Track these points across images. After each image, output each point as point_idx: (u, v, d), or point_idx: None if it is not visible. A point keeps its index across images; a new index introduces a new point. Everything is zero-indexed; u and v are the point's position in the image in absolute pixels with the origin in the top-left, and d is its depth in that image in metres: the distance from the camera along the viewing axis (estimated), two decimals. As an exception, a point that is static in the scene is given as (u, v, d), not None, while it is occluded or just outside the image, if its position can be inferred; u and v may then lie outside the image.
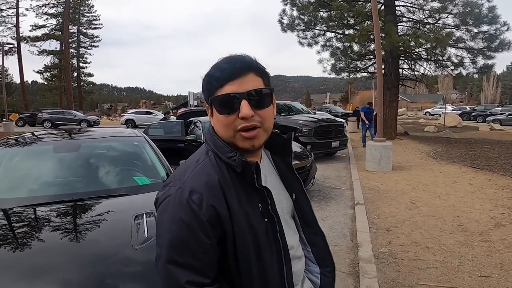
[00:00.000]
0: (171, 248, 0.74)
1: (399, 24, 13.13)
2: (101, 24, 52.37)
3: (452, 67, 13.32)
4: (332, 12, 12.83)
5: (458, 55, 12.87)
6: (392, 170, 7.62)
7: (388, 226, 4.19)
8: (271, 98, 0.86)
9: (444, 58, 12.97)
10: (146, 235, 1.66)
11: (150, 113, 29.03)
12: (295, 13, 13.41)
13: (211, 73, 0.82)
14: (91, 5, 50.36)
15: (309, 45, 13.99)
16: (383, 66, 11.58)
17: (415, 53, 13.24)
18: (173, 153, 3.74)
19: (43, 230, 1.77)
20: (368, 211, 4.76)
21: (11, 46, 40.32)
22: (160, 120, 18.64)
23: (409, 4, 12.88)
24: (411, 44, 12.10)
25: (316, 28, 13.65)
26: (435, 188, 5.93)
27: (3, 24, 41.51)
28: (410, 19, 13.26)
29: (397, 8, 13.01)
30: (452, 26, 12.22)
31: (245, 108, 0.78)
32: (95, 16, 51.47)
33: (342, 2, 12.31)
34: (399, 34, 12.14)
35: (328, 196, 5.70)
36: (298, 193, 0.97)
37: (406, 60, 13.94)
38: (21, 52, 43.03)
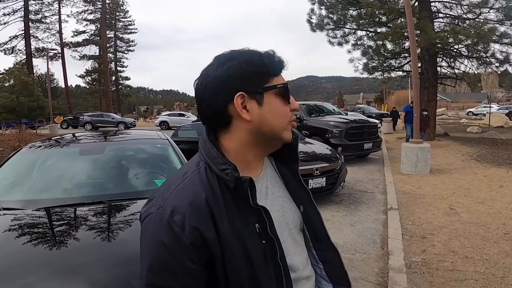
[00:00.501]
0: (150, 271, 0.68)
1: (435, 20, 12.52)
2: (136, 28, 54.82)
3: (497, 64, 12.47)
4: (362, 10, 12.48)
5: (504, 51, 12.03)
6: (430, 173, 7.23)
7: (424, 233, 3.95)
8: None
9: (488, 54, 12.16)
10: None
11: (183, 115, 29.77)
12: (323, 12, 13.20)
13: (257, 62, 0.74)
14: (125, 10, 52.75)
15: (339, 44, 13.70)
16: (419, 64, 11.04)
17: (455, 50, 12.54)
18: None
19: (57, 231, 1.82)
20: (402, 217, 4.54)
21: (55, 51, 43.19)
22: (193, 122, 19.08)
23: (445, 0, 12.25)
24: (450, 40, 11.47)
25: (346, 26, 13.34)
26: (478, 193, 5.54)
27: (47, 30, 44.54)
28: (447, 15, 12.60)
29: (432, 4, 12.41)
30: (494, 21, 11.46)
31: (293, 100, 0.78)
32: (130, 21, 53.95)
33: (372, 0, 11.92)
34: (435, 30, 11.55)
35: (358, 200, 5.51)
36: (307, 205, 0.88)
37: (444, 58, 13.25)
38: (65, 57, 46.07)
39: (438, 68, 13.18)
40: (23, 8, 41.23)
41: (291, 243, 0.81)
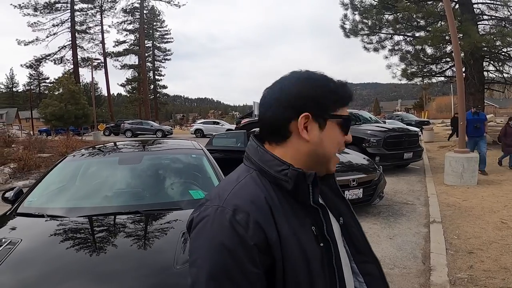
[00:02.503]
0: (210, 279, 0.63)
1: (479, 23, 11.85)
2: (172, 38, 56.93)
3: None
4: (398, 14, 12.10)
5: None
6: (478, 184, 6.77)
7: (471, 248, 3.69)
8: None
9: (541, 57, 11.32)
10: None
11: (217, 123, 30.37)
12: (357, 18, 12.97)
13: (333, 88, 0.78)
14: (162, 20, 54.95)
15: (375, 50, 13.37)
16: (463, 69, 10.48)
17: (503, 53, 11.78)
18: (236, 164, 3.81)
19: (97, 238, 1.89)
20: (446, 231, 4.27)
21: (99, 61, 45.90)
22: (227, 130, 19.38)
23: (489, 1, 11.57)
24: (497, 43, 10.79)
25: (382, 31, 13.01)
26: (532, 207, 5.11)
27: (91, 40, 47.48)
28: (493, 17, 11.88)
29: (475, 6, 11.77)
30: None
31: (350, 134, 0.81)
32: (166, 30, 56.16)
33: (408, 3, 11.52)
34: (480, 33, 10.93)
35: (398, 213, 5.26)
36: (346, 217, 0.86)
37: (491, 62, 12.48)
38: (107, 67, 48.73)
39: (485, 73, 12.43)
40: (69, 19, 44.15)
41: (341, 251, 0.80)
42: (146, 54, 53.21)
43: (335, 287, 0.73)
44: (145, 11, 51.16)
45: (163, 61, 57.76)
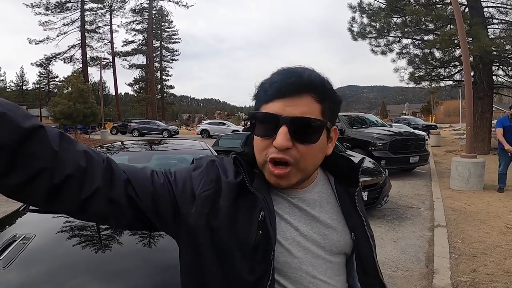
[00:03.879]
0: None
1: (489, 26, 11.73)
2: (180, 38, 57.22)
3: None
4: (406, 17, 12.02)
5: None
6: (484, 189, 6.73)
7: (474, 252, 3.69)
8: (321, 133, 0.69)
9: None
10: None
11: (224, 124, 30.45)
12: (365, 20, 12.85)
13: (263, 83, 0.70)
14: (170, 20, 55.24)
15: (383, 53, 13.28)
16: (472, 73, 10.39)
17: (513, 58, 11.66)
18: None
19: (103, 235, 1.94)
20: (451, 235, 4.27)
21: (107, 60, 46.29)
22: (233, 131, 19.42)
23: (499, 5, 11.46)
24: (507, 47, 10.69)
25: (390, 35, 12.90)
26: (538, 213, 5.08)
27: (100, 40, 47.91)
28: (503, 21, 11.76)
29: (485, 9, 11.66)
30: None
31: (281, 136, 0.64)
32: (174, 31, 56.41)
33: (417, 6, 11.45)
34: (490, 37, 10.83)
35: (402, 216, 5.26)
36: (359, 233, 0.79)
37: (501, 66, 12.35)
38: (116, 66, 49.10)
39: (494, 77, 12.29)
40: (79, 19, 44.62)
41: (318, 262, 0.74)
42: (154, 54, 53.52)
43: (265, 280, 0.67)
44: (153, 12, 51.51)
45: (170, 61, 58.10)
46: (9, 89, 62.70)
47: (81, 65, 45.26)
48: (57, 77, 55.46)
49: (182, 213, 0.69)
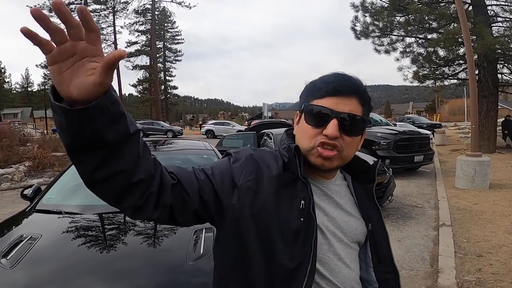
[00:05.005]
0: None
1: (493, 25, 11.63)
2: (183, 39, 57.14)
3: None
4: (410, 16, 11.95)
5: None
6: (490, 188, 6.68)
7: (480, 251, 3.67)
8: (363, 129, 0.83)
9: (558, 59, 11.06)
10: (202, 252, 1.70)
11: (228, 124, 30.49)
12: (368, 19, 12.80)
13: (315, 82, 0.83)
14: (173, 21, 55.29)
15: (387, 52, 13.22)
16: (476, 72, 10.32)
17: (518, 56, 11.55)
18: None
19: (108, 235, 1.96)
20: (456, 234, 4.25)
21: (111, 61, 46.39)
22: (238, 131, 19.44)
23: (503, 3, 11.35)
24: (511, 46, 10.60)
25: (393, 33, 12.84)
26: (544, 212, 5.03)
27: (104, 41, 48.01)
28: (507, 19, 11.66)
29: (489, 7, 11.56)
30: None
31: (332, 127, 0.76)
32: (177, 31, 56.35)
33: (420, 5, 11.38)
34: (494, 35, 10.74)
35: (407, 215, 5.24)
36: (375, 225, 0.88)
37: (505, 64, 12.25)
38: (119, 67, 49.20)
39: (499, 75, 12.19)
40: (83, 20, 44.95)
41: (342, 246, 0.82)
42: (158, 55, 53.59)
43: (304, 265, 0.74)
44: (156, 12, 51.60)
45: (174, 62, 58.12)
46: (14, 91, 63.27)
47: (85, 66, 45.38)
48: (61, 78, 55.67)
49: (224, 205, 0.76)
